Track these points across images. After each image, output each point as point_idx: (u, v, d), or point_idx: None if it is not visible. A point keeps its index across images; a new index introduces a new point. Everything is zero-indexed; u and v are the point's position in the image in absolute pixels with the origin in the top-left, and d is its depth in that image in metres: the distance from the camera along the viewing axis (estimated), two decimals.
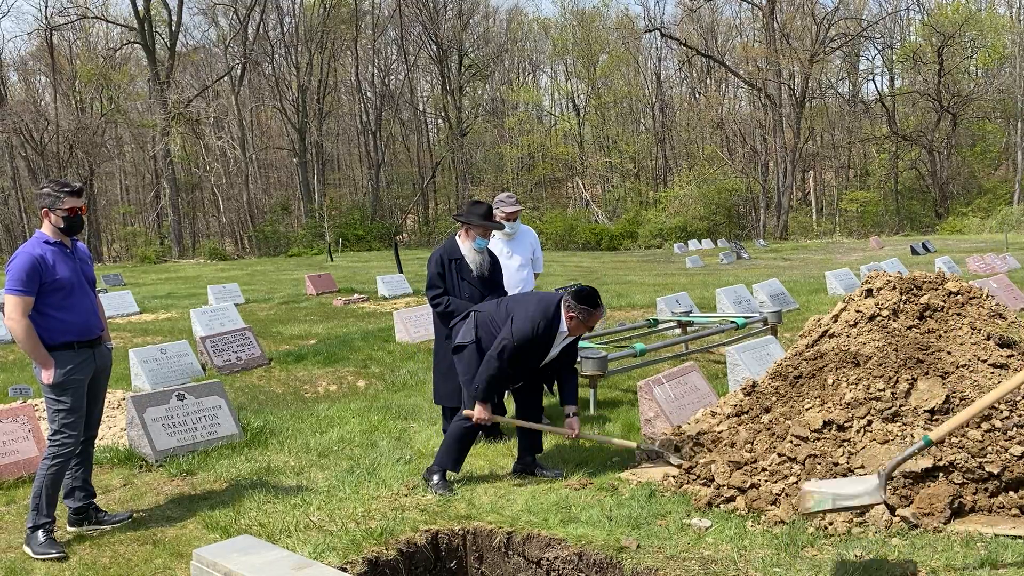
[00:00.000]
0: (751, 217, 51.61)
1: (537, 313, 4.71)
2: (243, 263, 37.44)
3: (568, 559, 3.91)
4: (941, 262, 17.02)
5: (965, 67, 50.19)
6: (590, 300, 4.63)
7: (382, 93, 57.62)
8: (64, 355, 4.19)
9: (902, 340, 4.66)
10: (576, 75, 61.28)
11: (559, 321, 4.72)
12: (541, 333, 4.69)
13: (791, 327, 10.07)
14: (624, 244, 45.55)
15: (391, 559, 3.95)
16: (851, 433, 4.24)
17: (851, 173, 56.49)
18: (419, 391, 7.79)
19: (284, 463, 5.45)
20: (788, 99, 48.95)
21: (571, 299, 4.66)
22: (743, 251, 30.53)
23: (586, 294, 4.66)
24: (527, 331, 4.66)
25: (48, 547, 4.09)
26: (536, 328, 4.67)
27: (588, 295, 4.65)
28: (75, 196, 4.24)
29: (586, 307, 4.62)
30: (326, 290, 17.94)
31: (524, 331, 4.66)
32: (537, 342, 4.71)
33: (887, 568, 3.44)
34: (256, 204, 55.80)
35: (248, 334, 9.60)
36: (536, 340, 4.70)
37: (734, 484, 4.30)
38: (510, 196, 6.43)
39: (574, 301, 4.64)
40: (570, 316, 4.68)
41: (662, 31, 54.78)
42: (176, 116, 47.33)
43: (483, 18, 61.78)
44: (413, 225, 58.59)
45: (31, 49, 54.43)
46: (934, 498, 3.88)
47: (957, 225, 42.30)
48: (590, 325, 4.75)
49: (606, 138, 58.69)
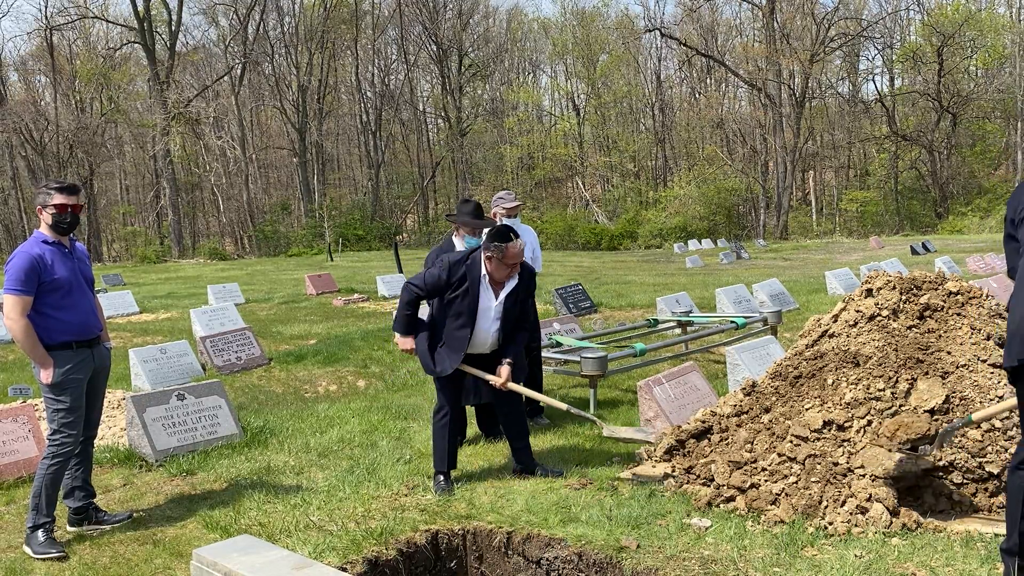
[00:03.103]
0: (751, 217, 51.60)
1: (447, 256, 4.87)
2: (243, 263, 37.43)
3: (568, 559, 3.91)
4: (941, 262, 17.01)
5: (965, 67, 50.16)
6: (500, 236, 4.61)
7: (382, 93, 57.64)
8: (63, 355, 4.19)
9: (902, 340, 4.66)
10: (576, 75, 61.29)
11: (477, 266, 4.72)
12: (452, 274, 4.70)
13: (791, 327, 10.07)
14: (624, 244, 45.56)
15: (391, 559, 3.95)
16: (851, 433, 4.23)
17: (851, 173, 56.49)
18: (419, 391, 7.79)
19: (284, 463, 5.45)
20: (788, 99, 48.96)
21: (486, 240, 4.69)
22: (743, 251, 30.53)
23: (496, 231, 4.65)
24: (435, 272, 4.74)
25: (48, 547, 4.09)
26: (443, 268, 4.71)
27: (499, 231, 4.64)
28: (64, 192, 4.19)
29: (496, 243, 4.59)
30: (326, 290, 17.93)
31: (433, 272, 4.76)
32: (454, 285, 4.70)
33: (887, 568, 3.44)
34: (256, 204, 55.82)
35: (248, 334, 9.60)
36: (451, 283, 4.69)
37: (734, 484, 4.30)
38: (509, 193, 6.45)
39: (488, 241, 4.65)
40: (487, 257, 4.68)
41: (662, 31, 54.79)
42: (176, 116, 47.34)
43: (483, 18, 61.84)
44: (413, 225, 58.59)
45: (31, 49, 54.50)
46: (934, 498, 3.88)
47: (957, 225, 42.30)
48: (508, 262, 4.65)
49: (606, 138, 58.69)
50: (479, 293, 4.73)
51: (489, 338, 4.85)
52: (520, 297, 4.86)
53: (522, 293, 4.86)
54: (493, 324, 4.81)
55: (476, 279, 4.72)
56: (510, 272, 4.72)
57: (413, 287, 4.78)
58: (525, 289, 4.88)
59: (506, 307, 4.80)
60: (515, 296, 4.82)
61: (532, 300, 4.96)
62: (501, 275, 4.71)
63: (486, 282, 4.75)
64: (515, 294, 4.82)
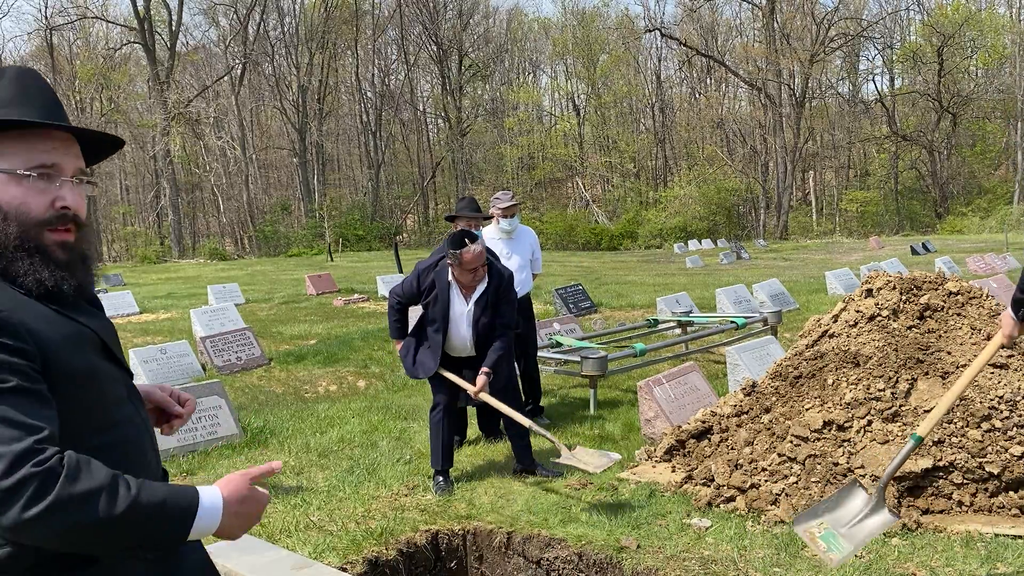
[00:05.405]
0: (751, 217, 51.61)
1: (419, 263, 5.03)
2: (243, 263, 37.43)
3: (568, 559, 3.91)
4: (941, 262, 17.01)
5: (965, 67, 50.18)
6: (454, 242, 4.65)
7: (382, 93, 57.66)
8: None
9: (902, 340, 4.66)
10: (576, 75, 61.31)
11: (444, 272, 4.81)
12: (424, 280, 4.85)
13: (791, 327, 10.07)
14: (624, 244, 45.56)
15: (391, 559, 3.95)
16: (851, 433, 4.24)
17: (851, 173, 56.51)
18: (419, 391, 7.79)
19: (284, 463, 5.45)
20: (788, 99, 48.97)
21: (443, 245, 4.80)
22: (743, 251, 30.53)
23: (451, 237, 4.69)
24: (409, 279, 4.96)
25: None
26: (414, 275, 4.92)
27: (453, 237, 4.68)
28: None
29: (451, 249, 4.64)
30: (326, 290, 17.93)
31: (408, 280, 4.97)
32: (426, 290, 4.84)
33: (887, 568, 3.44)
34: (256, 204, 55.82)
35: (248, 334, 9.60)
36: (424, 289, 4.84)
37: (734, 484, 4.30)
38: (506, 193, 6.48)
39: (445, 246, 4.74)
40: (449, 264, 4.76)
41: (662, 31, 54.81)
42: (176, 116, 47.36)
43: (483, 18, 61.83)
44: (413, 225, 58.59)
45: (31, 49, 54.47)
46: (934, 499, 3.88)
47: (957, 225, 42.30)
48: (467, 267, 4.65)
49: (606, 138, 58.70)
50: (449, 299, 4.81)
51: (467, 342, 4.89)
52: (490, 300, 4.85)
53: (492, 296, 4.85)
54: (468, 329, 4.85)
55: (444, 285, 4.79)
56: (474, 276, 4.74)
57: (394, 295, 5.02)
58: (495, 292, 4.85)
59: (477, 311, 4.83)
60: (484, 299, 4.83)
61: (508, 305, 4.89)
62: (466, 279, 4.74)
63: (456, 287, 4.81)
64: (484, 297, 4.83)
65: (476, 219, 5.74)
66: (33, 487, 1.24)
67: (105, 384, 1.50)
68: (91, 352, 1.48)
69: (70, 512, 1.26)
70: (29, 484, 1.24)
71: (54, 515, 1.25)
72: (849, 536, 3.05)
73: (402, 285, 4.98)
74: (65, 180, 1.50)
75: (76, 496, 1.26)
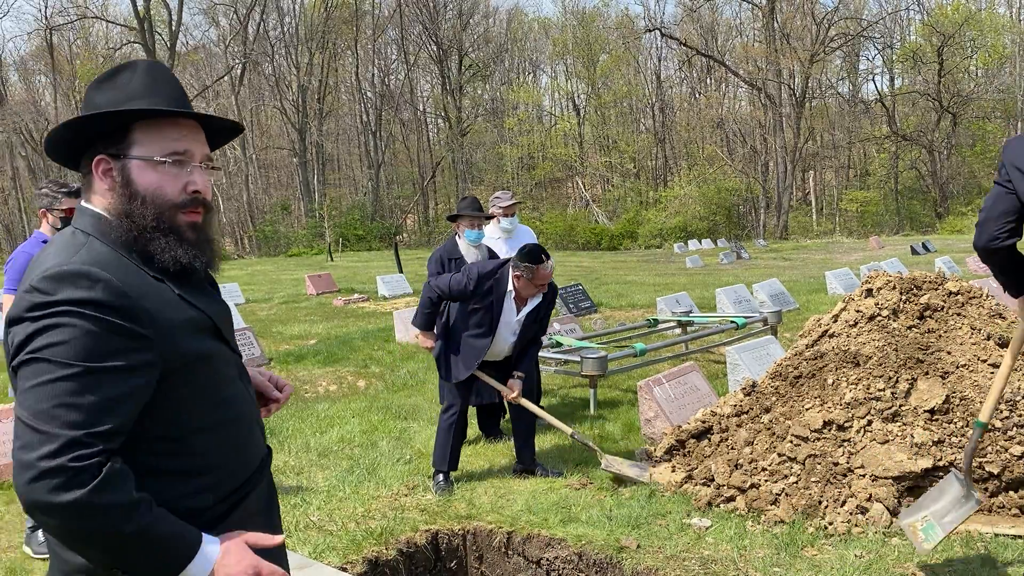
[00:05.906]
0: (751, 217, 51.59)
1: (475, 266, 4.84)
2: (243, 263, 37.42)
3: (568, 559, 3.91)
4: (941, 262, 17.01)
5: (965, 67, 50.17)
6: (531, 256, 4.62)
7: (382, 93, 57.64)
8: None
9: (902, 340, 4.66)
10: (576, 75, 61.28)
11: (504, 281, 4.75)
12: (479, 287, 4.71)
13: (791, 327, 10.07)
14: (624, 244, 45.53)
15: (391, 559, 3.95)
16: (851, 433, 4.24)
17: (851, 173, 56.50)
18: (419, 391, 7.79)
19: (284, 463, 5.45)
20: (788, 99, 48.95)
21: (516, 259, 4.69)
22: (743, 251, 30.52)
23: (527, 251, 4.65)
24: (461, 280, 4.75)
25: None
26: (470, 278, 4.72)
27: (530, 252, 4.65)
28: (73, 197, 4.20)
29: (527, 263, 4.60)
30: (326, 290, 17.93)
31: (459, 279, 4.76)
32: (478, 296, 4.74)
33: (887, 568, 3.44)
34: (256, 204, 55.82)
35: (248, 334, 9.60)
36: (476, 293, 4.72)
37: (734, 484, 4.30)
38: (506, 192, 6.54)
39: (518, 260, 4.67)
40: (516, 275, 4.70)
41: (662, 31, 54.78)
42: None
43: (483, 18, 61.82)
44: (413, 225, 58.57)
45: (31, 49, 54.50)
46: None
47: (957, 225, 42.28)
48: (537, 283, 4.68)
49: (606, 138, 58.68)
50: (503, 308, 4.81)
51: (506, 348, 4.96)
52: (540, 314, 4.95)
53: (543, 310, 4.95)
54: (511, 336, 4.90)
55: (502, 295, 4.78)
56: (537, 291, 4.79)
57: (438, 289, 4.84)
58: (547, 306, 4.96)
59: (526, 323, 4.89)
60: (536, 313, 4.91)
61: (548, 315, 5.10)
62: (528, 293, 4.77)
63: (511, 298, 4.81)
64: (536, 311, 4.90)
65: (478, 218, 5.78)
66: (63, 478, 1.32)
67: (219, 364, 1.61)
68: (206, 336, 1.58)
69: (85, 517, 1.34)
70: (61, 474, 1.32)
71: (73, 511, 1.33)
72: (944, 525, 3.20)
73: (450, 282, 4.83)
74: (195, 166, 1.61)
75: (99, 506, 1.34)
